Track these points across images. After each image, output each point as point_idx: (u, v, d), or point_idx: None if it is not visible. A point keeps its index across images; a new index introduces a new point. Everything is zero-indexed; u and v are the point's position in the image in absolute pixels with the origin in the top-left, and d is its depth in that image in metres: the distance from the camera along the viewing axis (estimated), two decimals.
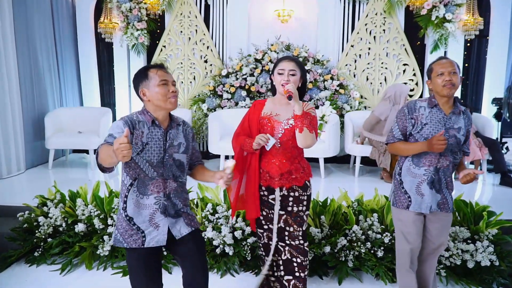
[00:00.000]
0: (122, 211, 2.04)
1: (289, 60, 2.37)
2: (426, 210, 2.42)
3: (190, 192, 3.59)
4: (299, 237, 2.46)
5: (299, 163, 2.44)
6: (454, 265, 3.13)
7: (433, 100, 2.41)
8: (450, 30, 5.72)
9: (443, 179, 2.43)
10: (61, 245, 3.41)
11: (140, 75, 2.03)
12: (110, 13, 6.23)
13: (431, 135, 2.35)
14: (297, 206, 2.44)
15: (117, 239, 2.05)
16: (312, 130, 2.26)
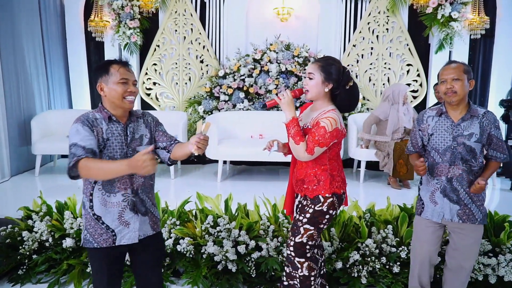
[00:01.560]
0: (89, 210, 1.95)
1: (313, 62, 2.26)
2: (438, 218, 2.39)
3: (189, 203, 3.39)
4: (291, 247, 2.30)
5: (314, 175, 2.25)
6: (475, 280, 2.92)
7: (442, 108, 2.40)
8: (456, 29, 5.52)
9: (460, 188, 2.33)
10: (47, 262, 3.15)
11: (101, 68, 1.93)
12: (100, 10, 5.94)
13: (438, 145, 2.36)
14: (299, 214, 2.30)
15: (87, 240, 1.97)
16: (299, 141, 2.13)
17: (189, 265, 3.04)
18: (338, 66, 2.21)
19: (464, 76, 2.27)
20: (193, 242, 3.08)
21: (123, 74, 1.91)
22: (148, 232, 2.06)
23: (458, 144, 2.30)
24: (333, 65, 2.19)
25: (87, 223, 1.96)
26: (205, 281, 2.96)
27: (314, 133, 2.12)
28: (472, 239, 2.37)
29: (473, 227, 2.35)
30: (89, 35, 6.10)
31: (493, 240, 3.02)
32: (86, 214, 1.96)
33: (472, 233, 2.37)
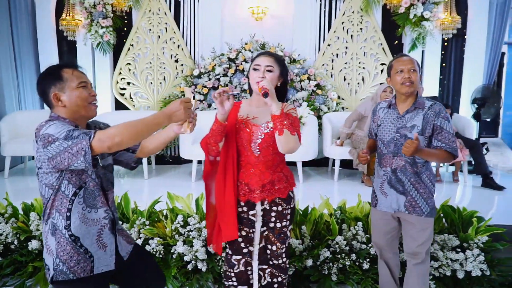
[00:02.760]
0: (64, 231, 1.64)
1: (266, 55, 2.09)
2: (390, 209, 2.42)
3: (160, 202, 3.34)
4: (283, 254, 2.20)
5: (281, 171, 2.17)
6: (443, 275, 2.95)
7: (391, 100, 2.44)
8: (428, 28, 5.60)
9: (404, 179, 2.35)
10: (12, 265, 3.07)
11: (50, 75, 1.67)
12: (72, 9, 5.83)
13: (384, 136, 2.40)
14: (281, 221, 2.16)
15: (60, 271, 1.64)
16: (294, 132, 1.97)
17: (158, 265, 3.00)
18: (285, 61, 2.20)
19: (418, 68, 2.33)
20: (163, 242, 3.04)
21: (80, 77, 1.70)
22: (128, 249, 1.89)
23: (400, 135, 2.32)
24: (284, 61, 2.18)
25: (59, 250, 1.64)
26: (175, 282, 2.93)
27: (294, 124, 2.04)
28: (419, 228, 2.35)
29: (421, 219, 2.33)
30: (61, 34, 5.98)
31: (461, 235, 3.06)
32: (58, 237, 1.64)
33: (419, 224, 2.35)
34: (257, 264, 2.19)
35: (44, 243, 1.71)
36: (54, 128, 1.52)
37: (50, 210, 1.65)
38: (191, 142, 4.86)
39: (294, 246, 2.99)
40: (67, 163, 1.51)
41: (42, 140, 1.52)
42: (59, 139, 1.50)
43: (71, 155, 1.49)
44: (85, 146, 1.48)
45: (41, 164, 1.59)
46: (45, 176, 1.61)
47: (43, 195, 1.66)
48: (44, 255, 1.71)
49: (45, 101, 1.71)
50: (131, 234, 3.07)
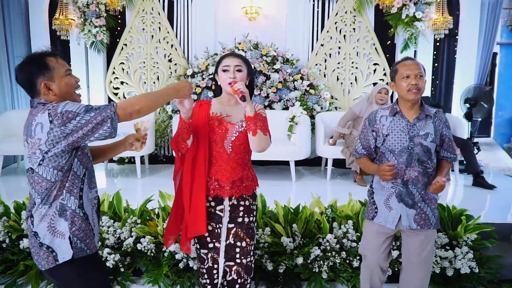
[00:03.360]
0: (78, 210, 1.73)
1: (233, 56, 2.17)
2: (392, 225, 2.25)
3: (152, 201, 3.35)
4: (251, 252, 2.21)
5: (249, 170, 2.24)
6: (432, 273, 2.96)
7: (395, 107, 2.26)
8: (420, 29, 5.64)
9: (415, 192, 2.22)
10: (4, 263, 3.08)
11: (37, 65, 1.70)
12: (65, 8, 5.81)
13: (394, 146, 2.21)
14: (248, 216, 2.20)
15: (79, 248, 1.73)
16: (266, 133, 2.05)
17: (150, 264, 3.01)
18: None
19: (424, 73, 2.21)
20: (154, 241, 3.04)
21: (64, 65, 1.76)
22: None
23: (415, 144, 2.19)
24: (248, 60, 2.25)
25: (73, 228, 1.71)
26: (166, 280, 2.94)
27: (264, 124, 2.09)
28: (427, 241, 2.27)
29: (429, 232, 2.27)
30: (54, 34, 5.95)
31: (450, 233, 3.09)
32: (71, 217, 1.71)
33: (427, 238, 2.27)
34: (224, 261, 2.19)
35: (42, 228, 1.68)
36: (71, 105, 1.60)
37: (57, 192, 1.68)
38: None
39: (285, 244, 3.00)
40: (90, 133, 1.60)
41: (61, 117, 1.57)
42: (80, 114, 1.58)
43: (96, 124, 1.59)
44: (111, 114, 1.61)
45: (51, 146, 1.60)
46: (54, 159, 1.63)
47: (46, 179, 1.65)
48: (44, 241, 1.68)
49: (29, 90, 1.72)
50: (122, 233, 3.08)
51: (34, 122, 1.61)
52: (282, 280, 2.98)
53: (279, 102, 5.59)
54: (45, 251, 1.69)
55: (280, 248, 3.01)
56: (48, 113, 1.58)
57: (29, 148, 1.65)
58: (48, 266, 1.70)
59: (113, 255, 2.96)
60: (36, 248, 1.70)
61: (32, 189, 1.70)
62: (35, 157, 1.64)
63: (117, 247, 3.08)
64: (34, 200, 1.70)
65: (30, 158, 1.66)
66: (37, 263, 1.73)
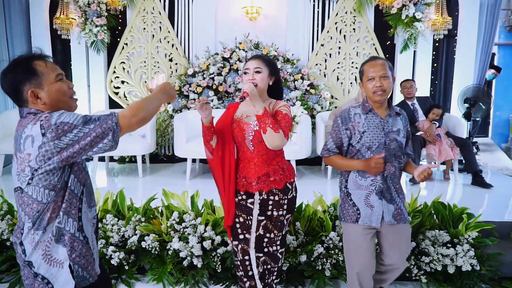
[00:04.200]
0: (78, 233, 1.54)
1: (254, 58, 2.26)
2: (377, 223, 2.27)
3: (155, 200, 3.37)
4: (277, 242, 2.28)
5: (277, 164, 2.27)
6: (434, 270, 3.01)
7: (367, 105, 2.30)
8: (419, 29, 5.68)
9: (392, 187, 2.29)
10: (8, 261, 3.08)
11: (22, 71, 1.49)
12: (66, 8, 5.82)
13: (372, 142, 2.25)
14: (277, 210, 2.25)
15: (81, 277, 1.55)
16: (278, 130, 2.07)
17: (154, 262, 3.03)
18: (275, 62, 2.35)
19: (390, 73, 2.23)
20: (159, 239, 3.06)
21: (55, 69, 1.56)
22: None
23: (391, 140, 2.25)
24: (273, 61, 2.32)
25: (74, 255, 1.53)
26: (171, 277, 2.96)
27: (282, 121, 2.15)
28: (405, 236, 2.37)
29: (406, 226, 2.36)
30: (55, 33, 5.96)
31: (451, 231, 3.12)
32: (70, 242, 1.53)
33: (405, 232, 2.37)
34: (254, 252, 2.24)
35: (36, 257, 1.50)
36: (67, 115, 1.42)
37: (51, 215, 1.49)
38: (185, 140, 4.89)
39: (288, 242, 3.03)
40: (89, 147, 1.43)
41: (55, 130, 1.39)
42: (78, 126, 1.41)
43: (95, 137, 1.43)
44: (112, 125, 1.45)
45: (42, 163, 1.43)
46: (45, 177, 1.45)
47: (36, 200, 1.47)
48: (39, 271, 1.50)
49: (15, 99, 1.53)
50: (126, 231, 3.10)
51: (24, 134, 1.42)
52: (285, 278, 3.01)
53: (279, 100, 5.60)
54: (40, 282, 1.50)
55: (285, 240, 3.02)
56: (40, 124, 1.40)
57: (18, 164, 1.45)
58: None
59: (118, 253, 2.98)
60: (30, 279, 1.51)
61: (21, 211, 1.50)
62: (23, 175, 1.44)
63: (121, 245, 3.10)
64: (23, 223, 1.50)
65: (18, 175, 1.46)
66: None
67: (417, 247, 3.07)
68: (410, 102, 5.12)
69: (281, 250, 2.32)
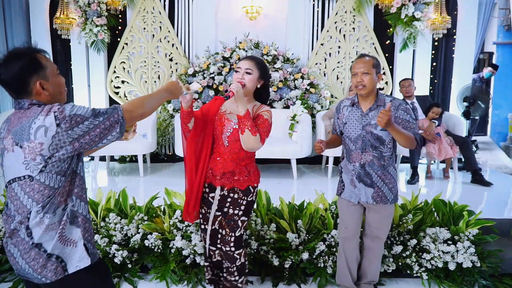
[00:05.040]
0: (88, 215, 1.69)
1: (247, 59, 2.31)
2: (355, 200, 2.59)
3: (157, 198, 3.38)
4: (231, 243, 2.35)
5: (245, 166, 2.34)
6: (435, 267, 3.03)
7: (354, 98, 2.59)
8: (419, 28, 5.71)
9: (372, 173, 2.53)
10: None
11: (28, 62, 1.55)
12: (66, 7, 5.83)
13: (350, 134, 2.55)
14: (234, 209, 2.33)
15: (93, 253, 1.67)
16: (256, 133, 2.15)
17: (157, 260, 3.04)
18: (267, 67, 2.38)
19: (373, 70, 2.46)
20: (161, 237, 3.08)
21: (53, 63, 1.64)
22: None
23: (366, 132, 2.50)
24: (265, 65, 2.35)
25: (86, 235, 1.66)
26: (173, 276, 2.97)
27: (261, 125, 2.22)
28: (383, 215, 2.62)
29: (386, 206, 2.58)
30: (55, 33, 5.97)
31: (452, 228, 3.14)
32: (83, 223, 1.65)
33: (384, 211, 2.61)
34: (208, 243, 2.43)
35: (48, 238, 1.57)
36: (78, 108, 1.51)
37: (60, 199, 1.57)
38: None
39: (290, 239, 3.05)
40: (98, 139, 1.55)
41: (69, 121, 1.48)
42: (89, 118, 1.51)
43: (104, 129, 1.54)
44: (119, 118, 1.57)
45: (55, 151, 1.50)
46: (57, 164, 1.53)
47: (49, 186, 1.54)
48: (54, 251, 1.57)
49: (16, 90, 1.57)
50: (129, 230, 3.12)
51: (34, 125, 1.48)
52: (287, 275, 3.03)
53: (280, 101, 5.63)
54: (54, 261, 1.57)
55: (285, 244, 3.05)
56: (55, 116, 1.47)
57: (26, 153, 1.50)
58: (56, 277, 1.58)
59: (121, 252, 2.99)
60: (40, 260, 1.56)
61: (28, 198, 1.54)
62: (34, 164, 1.50)
63: (124, 244, 3.11)
64: (29, 209, 1.54)
65: (27, 164, 1.51)
66: (40, 276, 1.57)
67: (418, 244, 3.10)
68: (410, 101, 5.15)
69: (237, 251, 2.37)
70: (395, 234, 3.13)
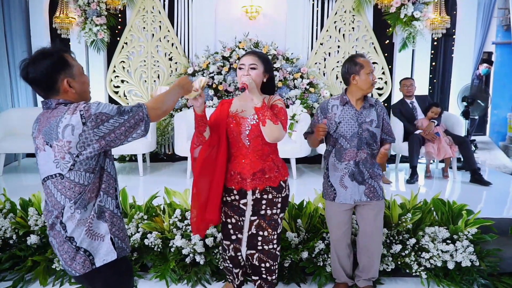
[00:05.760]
0: (116, 210, 1.71)
1: (250, 54, 2.26)
2: (351, 201, 2.59)
3: (157, 198, 3.39)
4: (274, 240, 2.31)
5: (272, 161, 2.29)
6: (434, 266, 3.04)
7: (345, 97, 2.58)
8: (418, 28, 5.72)
9: (364, 171, 2.58)
10: (11, 259, 3.10)
11: (57, 61, 1.60)
12: (66, 7, 5.82)
13: (346, 132, 2.54)
14: (271, 209, 2.27)
15: (120, 247, 1.70)
16: (277, 122, 2.10)
17: (157, 259, 3.05)
18: (269, 58, 2.35)
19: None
20: (161, 236, 3.09)
21: (78, 63, 1.70)
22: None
23: (363, 130, 2.54)
24: (268, 58, 2.32)
25: (114, 229, 1.69)
26: (173, 275, 2.98)
27: (279, 114, 2.17)
28: (377, 210, 2.66)
29: (378, 202, 2.64)
30: (55, 32, 5.96)
31: (451, 228, 3.15)
32: (110, 218, 1.68)
33: (377, 207, 2.66)
34: (245, 249, 2.34)
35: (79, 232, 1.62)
36: (103, 106, 1.56)
37: (90, 195, 1.63)
38: (185, 139, 4.91)
39: (290, 239, 3.06)
40: (124, 137, 1.59)
41: (95, 120, 1.52)
42: (114, 116, 1.56)
43: (129, 127, 1.59)
44: (144, 116, 1.62)
45: (82, 149, 1.55)
46: (85, 161, 1.58)
47: (79, 184, 1.59)
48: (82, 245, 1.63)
49: (45, 88, 1.61)
50: (129, 229, 3.12)
51: (62, 124, 1.52)
52: (287, 274, 3.04)
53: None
54: (82, 254, 1.62)
55: (285, 243, 3.06)
56: (81, 114, 1.52)
57: (55, 152, 1.56)
58: (84, 270, 1.63)
59: None
60: (71, 253, 1.63)
61: (61, 194, 1.61)
62: (64, 162, 1.56)
63: None
64: (63, 205, 1.61)
65: (57, 163, 1.57)
66: (70, 269, 1.65)
67: (417, 243, 3.11)
68: (409, 101, 5.16)
69: (278, 248, 2.35)
70: (394, 233, 3.14)
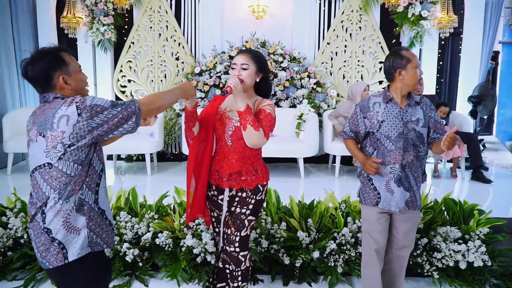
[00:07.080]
0: (93, 205, 1.71)
1: (242, 53, 2.22)
2: (396, 208, 2.35)
3: (167, 197, 3.39)
4: (235, 243, 2.24)
5: (251, 164, 2.26)
6: (446, 266, 3.03)
7: (388, 94, 2.35)
8: (425, 27, 5.70)
9: (410, 175, 2.36)
10: (22, 258, 3.10)
11: (53, 59, 1.67)
12: (73, 7, 5.83)
13: (390, 132, 2.30)
14: (241, 208, 2.25)
15: (95, 242, 1.70)
16: (258, 128, 2.07)
17: (168, 259, 3.05)
18: (265, 58, 2.31)
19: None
20: (172, 236, 3.09)
21: (76, 61, 1.75)
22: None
23: (409, 130, 2.30)
24: (262, 57, 2.27)
25: (90, 223, 1.69)
26: (184, 274, 2.98)
27: (264, 120, 2.14)
28: (414, 222, 2.48)
29: (415, 212, 2.44)
30: (62, 32, 5.96)
31: (462, 227, 3.14)
32: (87, 212, 1.68)
33: (415, 218, 2.48)
34: (221, 245, 2.38)
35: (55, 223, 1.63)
36: (98, 99, 1.62)
37: (74, 187, 1.64)
38: None
39: (301, 238, 3.05)
40: (114, 128, 1.64)
41: (90, 111, 1.58)
42: (107, 108, 1.62)
43: (121, 119, 1.64)
44: (135, 110, 1.67)
45: (75, 140, 1.58)
46: (75, 152, 1.61)
47: (66, 174, 1.61)
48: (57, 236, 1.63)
49: (42, 84, 1.67)
50: (140, 228, 3.12)
51: (57, 115, 1.57)
52: (298, 274, 3.03)
53: (286, 100, 5.63)
54: (56, 247, 1.63)
55: (296, 242, 3.06)
56: (76, 106, 1.56)
57: (48, 142, 1.59)
58: (57, 263, 1.63)
59: (132, 250, 3.00)
60: (47, 244, 1.63)
61: (47, 185, 1.62)
62: (55, 151, 1.59)
63: (135, 242, 3.12)
64: (47, 196, 1.62)
65: (48, 152, 1.59)
66: (44, 261, 1.65)
67: (429, 243, 3.10)
68: None
69: (242, 253, 2.25)
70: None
